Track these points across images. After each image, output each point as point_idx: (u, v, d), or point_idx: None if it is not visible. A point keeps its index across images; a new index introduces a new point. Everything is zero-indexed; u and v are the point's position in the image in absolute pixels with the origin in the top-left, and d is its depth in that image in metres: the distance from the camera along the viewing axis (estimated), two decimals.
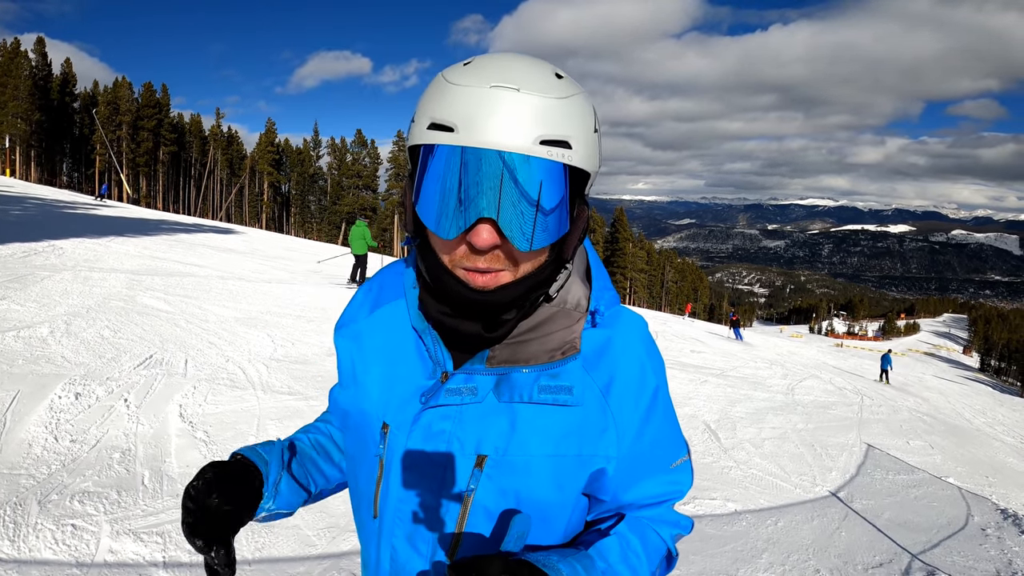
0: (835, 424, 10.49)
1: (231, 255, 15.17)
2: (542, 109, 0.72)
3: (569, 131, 0.74)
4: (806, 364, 19.72)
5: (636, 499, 0.92)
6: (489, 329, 0.84)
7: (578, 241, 0.84)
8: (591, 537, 0.87)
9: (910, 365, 47.50)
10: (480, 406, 0.85)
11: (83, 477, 3.49)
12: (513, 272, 0.80)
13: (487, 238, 0.74)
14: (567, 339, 0.86)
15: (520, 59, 0.77)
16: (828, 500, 6.45)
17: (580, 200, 0.82)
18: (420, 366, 0.90)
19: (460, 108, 0.72)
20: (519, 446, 0.84)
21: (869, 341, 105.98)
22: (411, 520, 0.88)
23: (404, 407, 0.89)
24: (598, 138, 0.80)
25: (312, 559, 3.24)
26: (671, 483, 0.94)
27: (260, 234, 31.36)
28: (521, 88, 0.72)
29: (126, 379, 5.02)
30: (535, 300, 0.86)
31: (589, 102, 0.79)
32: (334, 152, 76.61)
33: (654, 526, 0.93)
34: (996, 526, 6.15)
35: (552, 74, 0.76)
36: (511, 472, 0.84)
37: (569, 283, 0.89)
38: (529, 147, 0.71)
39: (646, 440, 0.89)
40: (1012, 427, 16.74)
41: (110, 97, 64.70)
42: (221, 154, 73.68)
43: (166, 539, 3.06)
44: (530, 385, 0.84)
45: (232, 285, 10.33)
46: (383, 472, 0.91)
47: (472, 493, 0.84)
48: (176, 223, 22.50)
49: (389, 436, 0.90)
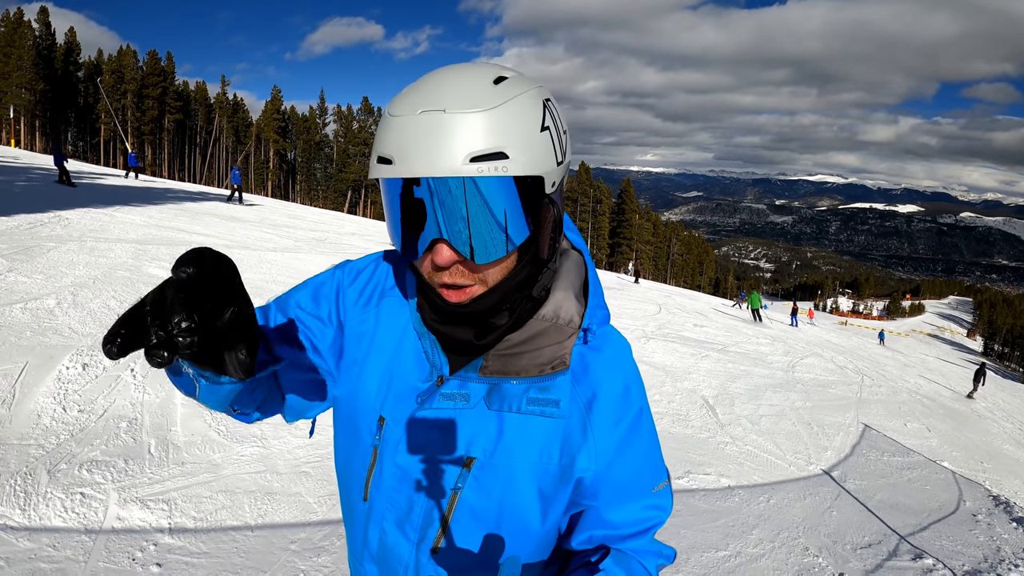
0: (834, 403, 10.53)
1: (236, 223, 15.18)
2: (470, 126, 0.72)
3: (502, 141, 0.73)
4: (809, 342, 19.75)
5: (619, 524, 0.95)
6: (480, 336, 0.88)
7: (551, 239, 0.86)
8: (581, 573, 0.89)
9: (913, 346, 47.51)
10: (472, 412, 0.90)
11: (91, 447, 3.59)
12: (484, 283, 0.82)
13: (446, 255, 0.78)
14: (558, 354, 0.89)
15: (457, 74, 0.77)
16: (821, 479, 6.53)
17: (543, 199, 0.82)
18: (418, 367, 0.94)
19: (395, 140, 0.74)
20: (505, 452, 0.88)
21: (874, 320, 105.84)
22: (402, 508, 0.93)
23: (401, 404, 0.94)
24: (548, 136, 0.78)
25: (313, 525, 3.35)
26: (653, 507, 0.97)
27: (266, 201, 31.32)
28: (447, 108, 0.72)
29: None
30: (522, 303, 0.88)
31: (534, 101, 0.78)
32: (340, 120, 76.21)
33: (639, 557, 0.95)
34: (987, 512, 6.22)
35: (488, 82, 0.76)
36: (496, 475, 0.89)
37: (561, 298, 0.91)
38: (459, 168, 0.72)
39: (627, 460, 0.92)
40: (1012, 413, 16.78)
41: (114, 66, 64.28)
42: (227, 122, 73.24)
43: (172, 506, 3.17)
44: (519, 396, 0.88)
45: (237, 253, 10.36)
46: (376, 461, 0.96)
47: (459, 491, 0.89)
48: (181, 191, 22.47)
49: (385, 429, 0.94)
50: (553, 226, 0.85)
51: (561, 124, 0.83)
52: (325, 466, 4.03)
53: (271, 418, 1.10)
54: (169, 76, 68.24)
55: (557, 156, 0.80)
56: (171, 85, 68.53)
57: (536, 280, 0.88)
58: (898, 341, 50.22)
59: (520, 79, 0.79)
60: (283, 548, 3.09)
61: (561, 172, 0.82)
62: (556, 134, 0.80)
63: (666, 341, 12.29)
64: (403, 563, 0.95)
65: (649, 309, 17.52)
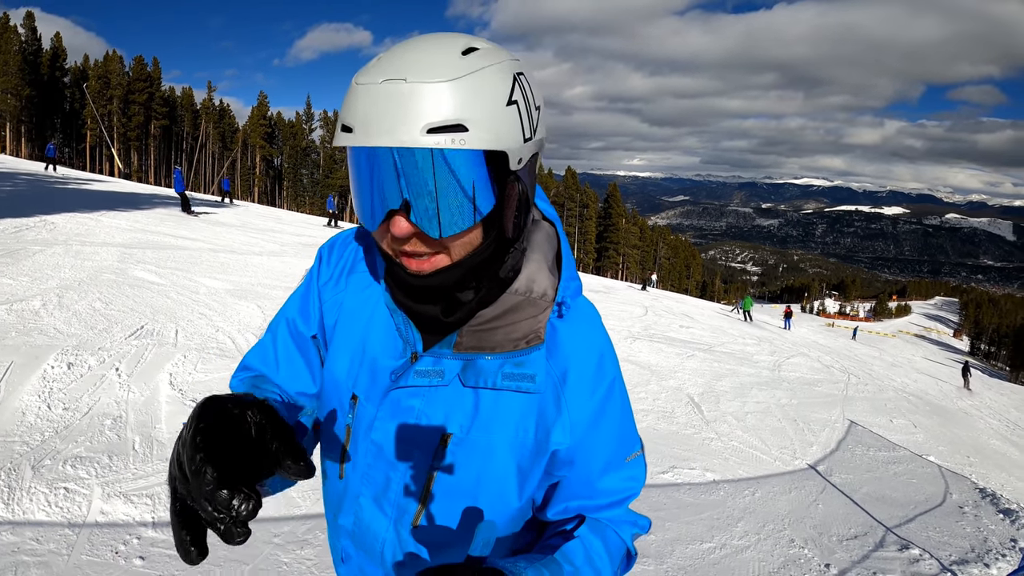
0: (819, 400, 10.61)
1: (223, 228, 15.17)
2: (429, 96, 0.70)
3: (463, 113, 0.71)
4: (795, 342, 19.88)
5: (593, 494, 0.95)
6: (447, 312, 0.87)
7: (516, 218, 0.83)
8: (555, 541, 0.90)
9: (900, 347, 47.85)
10: (447, 389, 0.89)
11: (75, 443, 3.58)
12: (448, 254, 0.81)
13: (403, 227, 0.76)
14: (532, 328, 0.88)
15: (426, 43, 0.75)
16: (807, 473, 6.59)
17: (508, 176, 0.79)
18: (391, 344, 0.93)
19: (358, 108, 0.73)
20: (481, 428, 0.88)
21: (861, 322, 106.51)
22: (379, 485, 0.93)
23: (374, 381, 0.93)
24: (516, 110, 0.76)
25: (296, 519, 3.35)
26: (627, 479, 0.97)
27: (252, 207, 31.26)
28: (408, 78, 0.70)
29: (117, 349, 5.10)
30: (487, 282, 0.87)
31: (504, 73, 0.75)
32: (327, 125, 75.96)
33: (614, 526, 0.96)
34: (974, 504, 6.28)
35: (456, 53, 0.73)
36: (472, 451, 0.88)
37: (534, 271, 0.90)
38: (415, 139, 0.70)
39: (601, 432, 0.92)
40: (998, 410, 16.94)
41: (101, 71, 63.87)
42: (213, 128, 72.87)
43: (155, 500, 3.17)
44: (495, 372, 0.87)
45: (223, 257, 10.38)
46: (350, 439, 0.95)
47: (436, 468, 0.89)
48: (168, 197, 22.34)
49: (358, 407, 0.94)
50: (519, 204, 0.82)
51: (533, 99, 0.80)
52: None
53: None
54: (155, 82, 67.94)
55: (525, 132, 0.77)
56: (157, 91, 68.24)
57: (503, 260, 0.86)
58: (885, 342, 50.57)
59: (491, 51, 0.77)
60: (266, 542, 3.10)
61: (530, 149, 0.79)
62: (525, 109, 0.77)
63: (652, 341, 12.35)
64: (380, 539, 0.94)
65: (635, 311, 17.59)
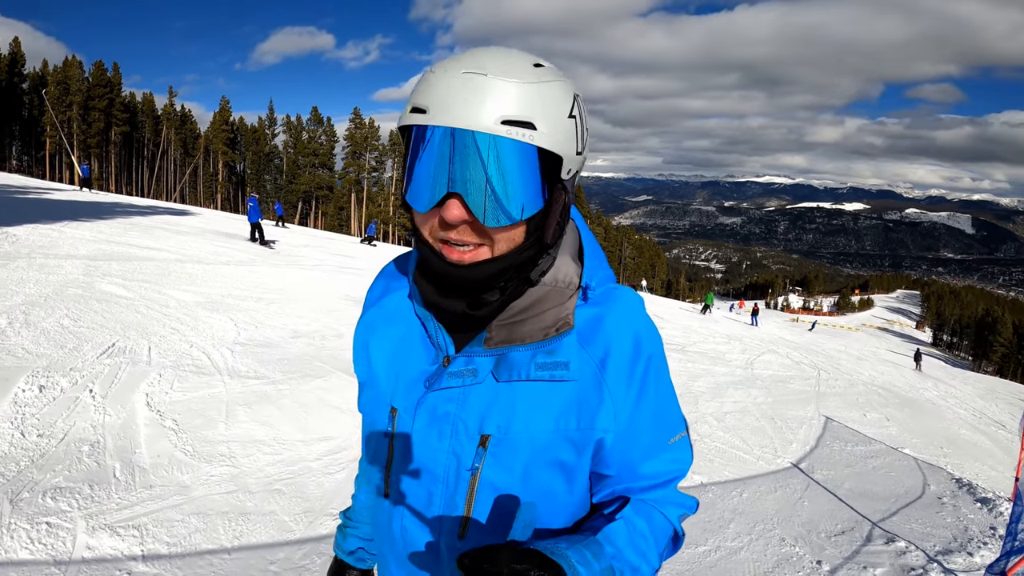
0: (794, 397, 10.76)
1: (188, 237, 14.83)
2: (507, 92, 0.75)
3: (535, 113, 0.76)
4: (764, 339, 20.20)
5: (638, 477, 0.93)
6: (473, 307, 0.87)
7: (557, 225, 0.87)
8: (598, 523, 0.88)
9: (864, 340, 48.97)
10: (481, 387, 0.88)
11: (53, 472, 3.41)
12: (490, 248, 0.83)
13: (456, 213, 0.78)
14: (560, 316, 0.89)
15: (501, 50, 0.80)
16: (790, 471, 6.66)
17: (557, 184, 0.84)
18: (424, 352, 0.94)
19: (434, 93, 0.77)
20: (521, 423, 0.87)
21: (824, 316, 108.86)
22: (421, 498, 0.92)
23: (410, 391, 0.93)
24: (574, 124, 0.81)
25: (291, 544, 3.25)
26: (672, 460, 0.95)
27: (216, 215, 30.69)
28: (489, 74, 0.76)
29: (90, 369, 4.91)
30: (517, 282, 0.88)
31: (567, 90, 0.81)
32: (290, 130, 75.14)
33: (659, 507, 0.94)
34: (951, 495, 6.41)
35: (529, 64, 0.79)
36: (514, 449, 0.87)
37: (559, 262, 0.91)
38: (491, 126, 0.74)
39: (643, 413, 0.91)
40: (964, 400, 17.44)
41: (60, 77, 61.92)
42: (175, 134, 71.33)
43: (143, 532, 3.03)
44: (527, 363, 0.87)
45: (191, 268, 10.13)
46: (392, 453, 0.95)
47: (478, 471, 0.87)
48: (130, 206, 21.83)
49: (397, 419, 0.94)
50: (562, 211, 0.86)
51: (585, 120, 0.85)
52: (298, 482, 3.93)
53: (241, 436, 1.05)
54: (116, 87, 66.11)
55: (578, 145, 0.82)
56: (118, 97, 66.38)
57: (535, 263, 0.88)
58: (848, 335, 51.72)
59: (556, 70, 0.83)
60: (262, 570, 2.99)
61: (579, 162, 0.84)
62: (580, 126, 0.83)
63: None
64: (427, 555, 0.93)
65: None
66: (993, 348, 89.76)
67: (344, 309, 9.16)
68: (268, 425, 4.66)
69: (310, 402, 5.25)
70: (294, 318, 8.03)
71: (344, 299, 10.15)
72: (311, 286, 11.05)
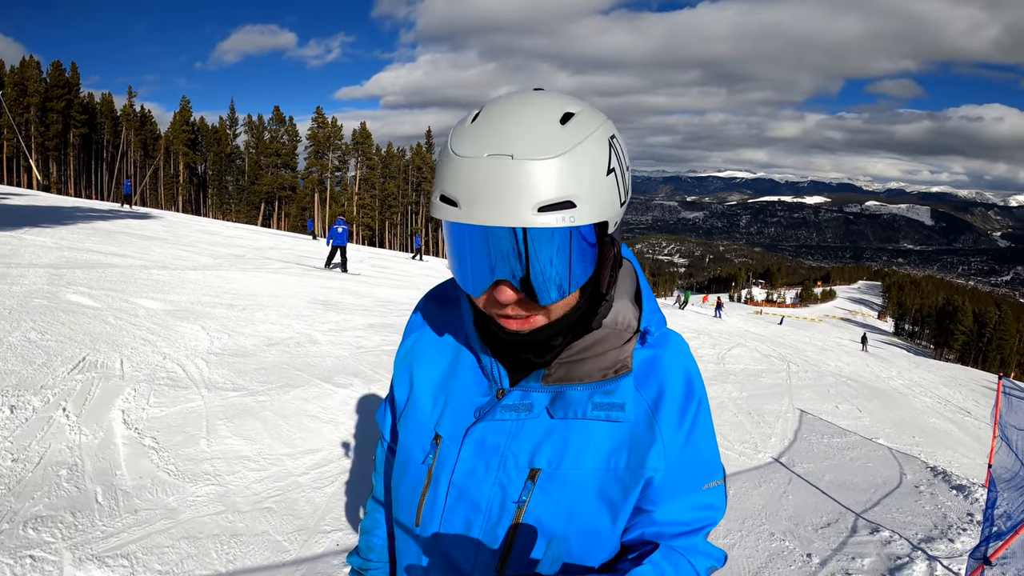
0: (767, 391, 10.89)
1: (152, 242, 14.49)
2: (538, 174, 0.70)
3: (571, 190, 0.72)
4: (731, 333, 20.50)
5: (670, 522, 0.92)
6: (538, 356, 0.89)
7: (609, 275, 0.87)
8: (625, 566, 0.88)
9: (827, 331, 50.16)
10: (535, 421, 0.89)
11: (32, 500, 3.24)
12: (546, 315, 0.82)
13: (508, 296, 0.78)
14: (619, 358, 0.90)
15: (524, 110, 0.75)
16: (772, 466, 6.75)
17: (605, 238, 0.83)
18: (475, 383, 0.95)
19: (462, 182, 0.73)
20: (572, 460, 0.87)
21: (787, 308, 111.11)
22: (462, 528, 0.91)
23: (457, 420, 0.94)
24: (615, 178, 0.78)
25: (288, 565, 3.14)
26: (705, 507, 0.95)
27: (177, 217, 30.05)
28: (515, 155, 0.70)
29: (61, 386, 4.71)
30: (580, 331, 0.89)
31: (602, 142, 0.77)
32: (251, 130, 74.24)
33: (688, 556, 0.94)
34: (928, 483, 6.57)
35: (556, 122, 0.74)
36: (564, 485, 0.87)
37: (617, 305, 0.92)
38: (527, 219, 0.71)
39: (687, 456, 0.91)
40: (928, 388, 17.95)
41: (17, 78, 60.02)
42: (134, 135, 69.75)
43: (133, 561, 2.90)
44: (584, 402, 0.88)
45: (157, 274, 9.86)
46: (431, 482, 0.94)
47: (525, 504, 0.87)
48: (91, 210, 21.22)
49: (441, 447, 0.94)
50: (613, 263, 0.87)
51: (624, 161, 0.82)
52: (287, 499, 3.82)
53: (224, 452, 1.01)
54: (74, 88, 64.38)
55: (621, 197, 0.80)
56: (76, 98, 64.63)
57: (595, 313, 0.89)
58: (812, 327, 52.87)
59: (587, 115, 0.78)
60: None
61: (623, 211, 0.83)
62: (620, 174, 0.80)
63: None
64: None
65: None
66: (954, 336, 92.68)
67: (315, 315, 9.00)
68: (251, 440, 4.54)
69: (291, 413, 5.13)
70: (267, 325, 7.85)
71: (313, 303, 9.98)
72: (279, 290, 10.84)
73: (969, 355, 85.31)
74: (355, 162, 76.43)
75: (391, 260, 26.75)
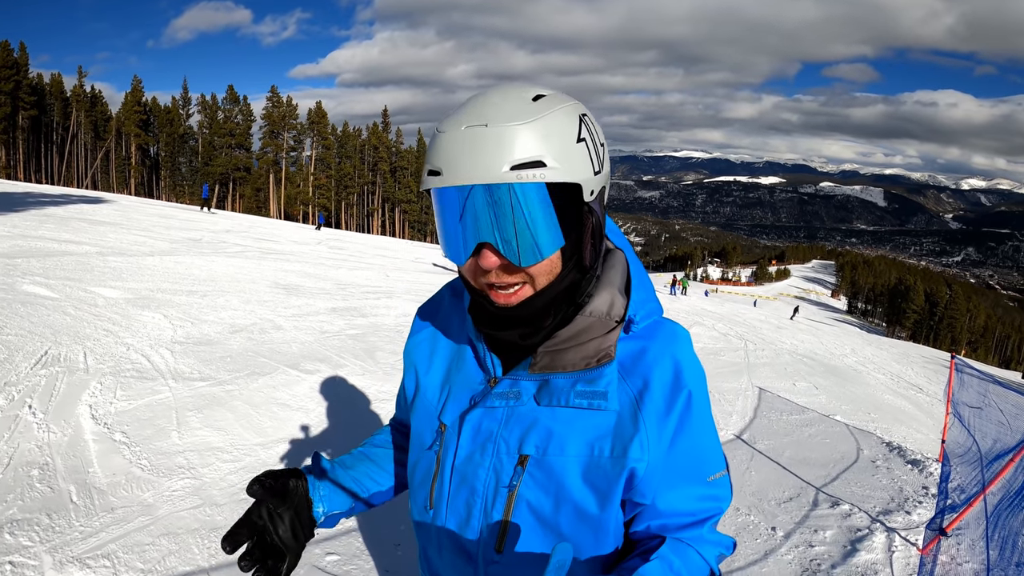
0: (727, 369, 11.09)
1: (106, 227, 14.04)
2: (510, 137, 0.78)
3: (541, 150, 0.79)
4: (689, 311, 20.79)
5: (674, 513, 0.95)
6: (525, 337, 0.93)
7: (593, 247, 0.92)
8: (633, 563, 0.88)
9: (782, 309, 51.32)
10: (523, 408, 0.94)
11: (6, 503, 3.17)
12: (532, 285, 0.87)
13: (490, 260, 0.83)
14: (602, 347, 0.93)
15: (499, 94, 0.83)
16: (734, 443, 6.93)
17: (583, 207, 0.87)
18: (474, 373, 1.01)
19: (444, 153, 0.80)
20: (557, 447, 0.91)
21: (742, 286, 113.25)
22: (464, 512, 0.96)
23: (457, 409, 1.00)
24: (585, 147, 0.84)
25: None
26: (709, 498, 0.97)
27: (131, 201, 29.08)
28: (490, 123, 0.78)
29: (25, 382, 4.59)
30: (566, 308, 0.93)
31: (571, 115, 0.84)
32: (205, 110, 71.91)
33: (696, 546, 0.95)
34: (884, 458, 6.82)
35: (528, 100, 0.82)
36: (550, 471, 0.91)
37: (605, 295, 0.95)
38: (500, 175, 0.78)
39: (681, 449, 0.92)
40: (881, 365, 18.48)
41: None
42: (85, 116, 66.87)
43: (114, 560, 2.87)
44: (567, 390, 0.91)
45: (114, 261, 9.58)
46: (439, 468, 1.00)
47: (516, 488, 0.92)
48: (42, 195, 20.39)
49: (445, 435, 1.00)
50: (593, 231, 0.91)
51: (598, 137, 0.88)
52: None
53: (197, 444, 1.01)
54: (23, 68, 61.22)
55: (594, 166, 0.85)
56: (25, 79, 61.52)
57: (580, 287, 0.93)
58: (767, 305, 54.00)
59: (557, 96, 0.85)
60: None
61: (599, 181, 0.87)
62: (592, 146, 0.86)
63: None
64: (467, 566, 0.97)
65: None
66: (906, 315, 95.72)
67: (277, 300, 8.90)
68: (222, 430, 4.50)
69: (260, 402, 5.09)
70: (229, 311, 7.73)
71: (274, 288, 9.87)
72: (239, 274, 10.66)
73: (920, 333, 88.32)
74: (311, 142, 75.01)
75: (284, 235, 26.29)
